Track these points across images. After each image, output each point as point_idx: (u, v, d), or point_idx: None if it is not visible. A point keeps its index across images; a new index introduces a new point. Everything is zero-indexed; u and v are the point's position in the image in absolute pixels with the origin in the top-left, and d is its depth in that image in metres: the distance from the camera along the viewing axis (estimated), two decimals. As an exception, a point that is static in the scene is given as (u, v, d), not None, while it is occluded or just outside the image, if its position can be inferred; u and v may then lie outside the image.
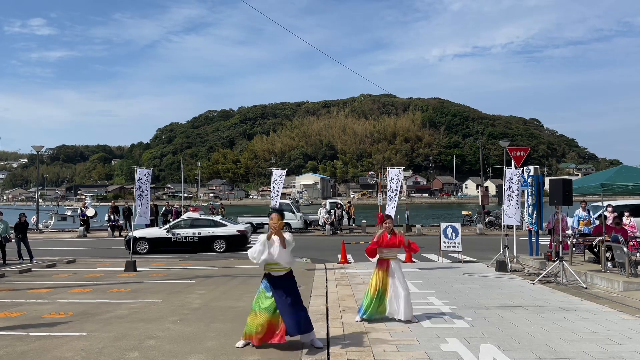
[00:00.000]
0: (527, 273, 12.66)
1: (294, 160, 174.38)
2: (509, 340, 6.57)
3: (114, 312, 8.63)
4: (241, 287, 11.00)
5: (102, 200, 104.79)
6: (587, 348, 6.24)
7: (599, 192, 12.54)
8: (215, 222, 19.53)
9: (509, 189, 13.24)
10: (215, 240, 18.97)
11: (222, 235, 19.05)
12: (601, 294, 9.87)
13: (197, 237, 18.99)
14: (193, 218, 20.16)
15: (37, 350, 6.39)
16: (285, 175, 15.74)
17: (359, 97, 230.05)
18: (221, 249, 18.84)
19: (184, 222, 19.79)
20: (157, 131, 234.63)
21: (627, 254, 10.61)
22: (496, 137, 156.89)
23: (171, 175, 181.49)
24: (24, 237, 16.23)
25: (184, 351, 6.29)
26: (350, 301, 9.19)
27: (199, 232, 19.06)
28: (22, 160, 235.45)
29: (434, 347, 6.30)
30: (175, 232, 18.99)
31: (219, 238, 19.01)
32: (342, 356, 5.99)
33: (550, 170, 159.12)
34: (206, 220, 19.78)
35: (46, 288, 11.27)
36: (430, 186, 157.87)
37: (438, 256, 15.80)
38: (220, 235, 19.05)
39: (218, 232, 19.10)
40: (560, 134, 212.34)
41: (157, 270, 14.14)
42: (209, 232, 19.08)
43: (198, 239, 18.99)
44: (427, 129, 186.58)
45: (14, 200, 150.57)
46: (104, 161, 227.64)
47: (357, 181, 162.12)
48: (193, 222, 19.57)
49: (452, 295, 9.74)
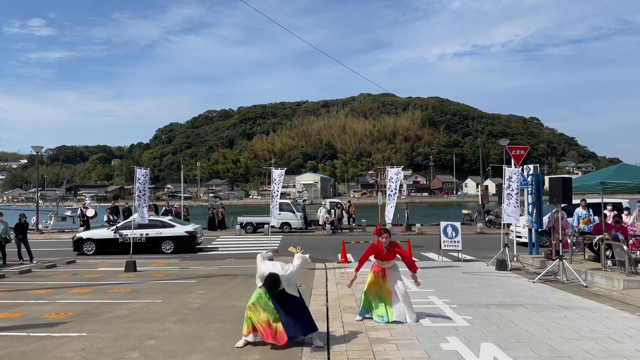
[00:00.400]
0: (527, 272, 12.66)
1: (293, 160, 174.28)
2: (509, 339, 6.57)
3: (114, 312, 8.63)
4: (241, 287, 11.00)
5: (102, 200, 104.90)
6: (588, 346, 6.24)
7: (599, 190, 12.55)
8: (163, 223, 19.22)
9: (509, 188, 13.23)
10: (164, 241, 18.74)
11: (170, 236, 18.82)
12: (601, 292, 9.87)
13: (144, 238, 18.72)
14: None
15: (37, 351, 6.39)
16: (284, 174, 15.73)
17: (358, 96, 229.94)
18: (169, 250, 18.65)
19: (132, 223, 19.54)
20: (156, 131, 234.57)
21: (627, 252, 10.61)
22: (496, 136, 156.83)
23: (171, 175, 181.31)
24: (24, 238, 16.24)
25: (184, 351, 6.29)
26: (350, 300, 9.19)
27: (147, 232, 18.75)
28: (22, 161, 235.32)
29: (434, 345, 6.30)
30: (122, 233, 18.68)
31: (167, 239, 18.79)
32: (343, 355, 5.99)
33: (550, 168, 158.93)
34: (155, 221, 19.32)
35: (46, 288, 11.27)
36: (430, 185, 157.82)
37: (438, 255, 15.81)
38: (168, 236, 18.82)
39: (166, 232, 18.86)
40: (560, 132, 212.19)
41: (157, 270, 14.15)
42: (156, 233, 18.81)
43: (146, 240, 18.71)
44: (426, 128, 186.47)
45: (14, 201, 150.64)
46: (103, 161, 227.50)
47: (357, 180, 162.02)
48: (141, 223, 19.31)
49: (453, 294, 9.74)
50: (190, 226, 19.91)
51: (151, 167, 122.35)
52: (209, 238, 24.54)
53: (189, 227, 19.64)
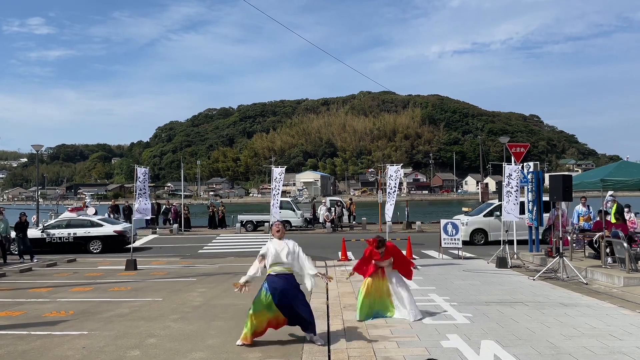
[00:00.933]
0: (527, 269, 12.67)
1: (293, 158, 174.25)
2: (509, 336, 6.58)
3: (115, 310, 8.64)
4: (242, 285, 11.00)
5: (102, 199, 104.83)
6: (588, 343, 6.24)
7: (599, 187, 12.54)
8: (92, 223, 19.16)
9: (508, 185, 13.23)
10: (91, 240, 18.72)
11: (98, 236, 18.82)
12: (601, 290, 9.88)
13: (72, 237, 18.72)
14: (69, 218, 19.61)
15: (38, 349, 6.40)
16: (285, 173, 15.74)
17: (358, 94, 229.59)
18: (97, 250, 18.62)
19: (60, 222, 19.45)
20: (156, 130, 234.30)
21: (627, 250, 10.61)
22: (496, 134, 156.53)
23: (171, 173, 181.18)
24: (25, 237, 16.26)
25: (185, 349, 6.30)
26: (351, 298, 9.20)
27: (75, 232, 18.76)
28: (22, 160, 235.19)
29: (435, 343, 6.31)
30: (50, 233, 18.66)
31: (95, 239, 18.79)
32: (343, 353, 6.00)
33: (550, 166, 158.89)
34: (83, 221, 19.33)
35: (47, 287, 11.28)
36: (430, 183, 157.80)
37: (438, 253, 15.82)
38: (96, 235, 18.82)
39: (94, 232, 18.85)
40: (560, 130, 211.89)
41: (158, 268, 14.15)
42: (84, 233, 18.79)
43: (73, 240, 18.71)
44: (426, 125, 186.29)
45: (14, 199, 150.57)
46: (103, 160, 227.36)
47: (357, 178, 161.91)
48: (70, 223, 19.21)
49: (453, 291, 9.75)
50: (120, 226, 19.82)
51: (151, 165, 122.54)
52: (210, 236, 24.57)
53: (118, 226, 19.58)
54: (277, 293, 6.19)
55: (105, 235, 18.87)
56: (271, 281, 6.29)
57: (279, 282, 6.24)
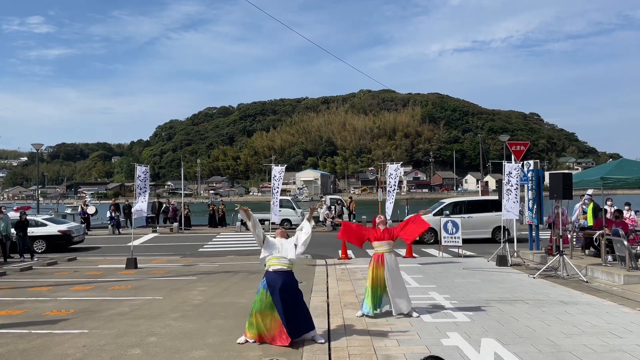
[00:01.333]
0: (527, 267, 12.68)
1: (293, 157, 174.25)
2: (509, 334, 6.59)
3: (115, 309, 8.64)
4: (242, 284, 11.01)
5: (102, 198, 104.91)
6: (588, 341, 6.25)
7: (599, 185, 12.55)
8: (36, 222, 18.95)
9: (508, 183, 13.23)
10: (35, 240, 18.48)
11: (42, 235, 18.67)
12: (602, 288, 9.88)
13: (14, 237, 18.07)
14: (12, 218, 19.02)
15: (38, 348, 6.40)
16: (285, 171, 15.73)
17: (358, 92, 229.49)
18: (41, 250, 18.43)
19: None
20: (156, 128, 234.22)
21: (628, 248, 10.62)
22: (496, 132, 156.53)
23: (171, 172, 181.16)
24: (25, 235, 16.28)
25: (186, 347, 6.30)
26: (351, 296, 9.21)
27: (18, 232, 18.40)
28: (22, 159, 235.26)
29: (435, 341, 6.31)
30: None
31: (39, 238, 18.61)
32: (344, 351, 6.00)
33: (550, 164, 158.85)
34: None
35: (47, 286, 11.28)
36: (430, 181, 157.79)
37: (438, 251, 15.83)
38: (39, 235, 18.64)
39: (38, 232, 18.64)
40: (560, 128, 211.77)
41: (158, 267, 14.15)
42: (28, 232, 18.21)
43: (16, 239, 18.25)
44: (426, 124, 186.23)
45: (15, 198, 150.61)
46: (103, 159, 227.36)
47: (357, 177, 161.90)
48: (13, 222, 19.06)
49: (453, 289, 9.75)
50: (65, 225, 19.67)
51: (151, 164, 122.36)
52: (210, 235, 24.57)
53: (62, 226, 19.42)
54: (276, 290, 6.20)
55: (49, 234, 18.77)
56: (269, 279, 6.30)
57: (277, 280, 6.25)
